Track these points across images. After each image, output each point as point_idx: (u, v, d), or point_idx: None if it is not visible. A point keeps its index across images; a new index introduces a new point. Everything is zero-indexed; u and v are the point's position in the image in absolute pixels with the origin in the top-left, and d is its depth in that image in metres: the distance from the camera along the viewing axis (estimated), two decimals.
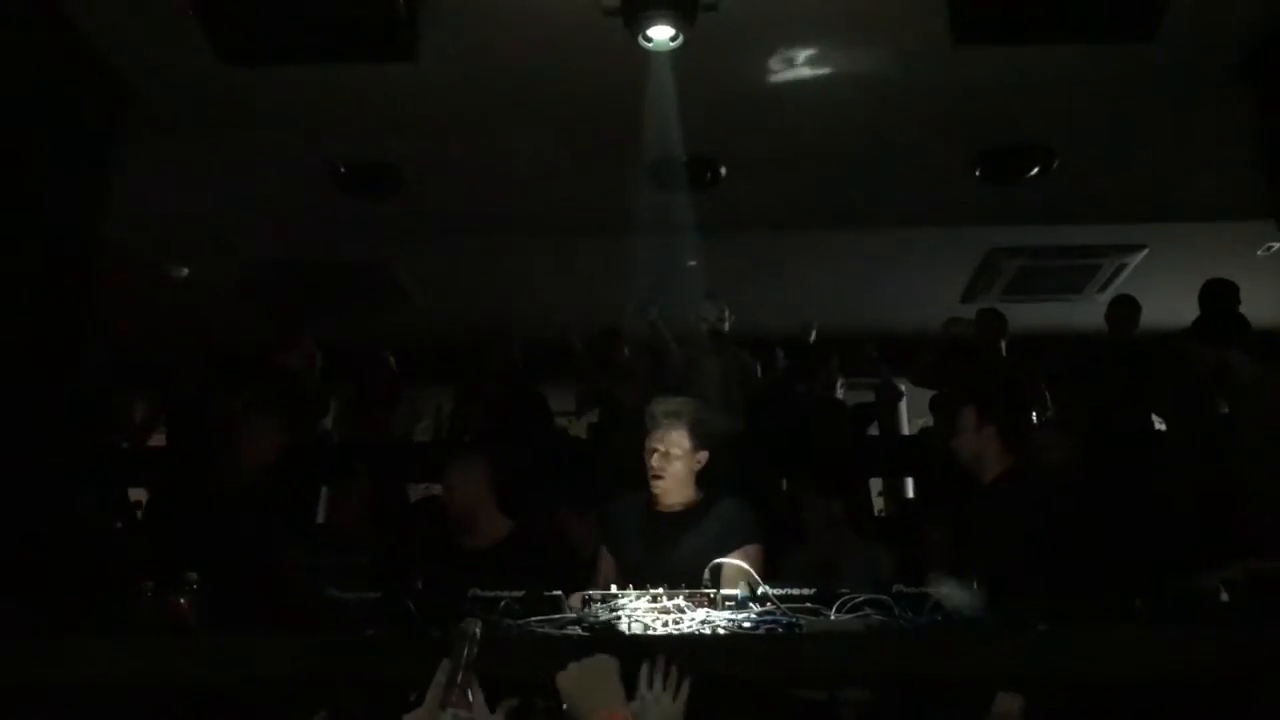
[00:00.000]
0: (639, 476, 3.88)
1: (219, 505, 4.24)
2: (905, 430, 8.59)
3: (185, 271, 7.02)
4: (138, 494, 6.87)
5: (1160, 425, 6.21)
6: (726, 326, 6.59)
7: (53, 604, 3.38)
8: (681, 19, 3.86)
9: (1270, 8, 4.51)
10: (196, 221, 6.43)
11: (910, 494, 8.07)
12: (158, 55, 4.68)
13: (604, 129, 5.22)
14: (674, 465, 3.80)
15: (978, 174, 5.97)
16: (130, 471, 6.33)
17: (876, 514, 7.47)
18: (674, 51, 4.20)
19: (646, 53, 4.12)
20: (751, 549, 3.66)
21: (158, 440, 6.72)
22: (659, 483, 3.81)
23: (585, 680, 2.16)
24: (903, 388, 7.75)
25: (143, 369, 6.53)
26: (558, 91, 4.97)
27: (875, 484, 7.88)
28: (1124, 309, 6.72)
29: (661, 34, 3.92)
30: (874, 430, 7.96)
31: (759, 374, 6.95)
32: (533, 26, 4.43)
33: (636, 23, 3.88)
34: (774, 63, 4.84)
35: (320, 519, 5.87)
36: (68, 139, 4.59)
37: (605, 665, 2.19)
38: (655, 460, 3.79)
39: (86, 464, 5.23)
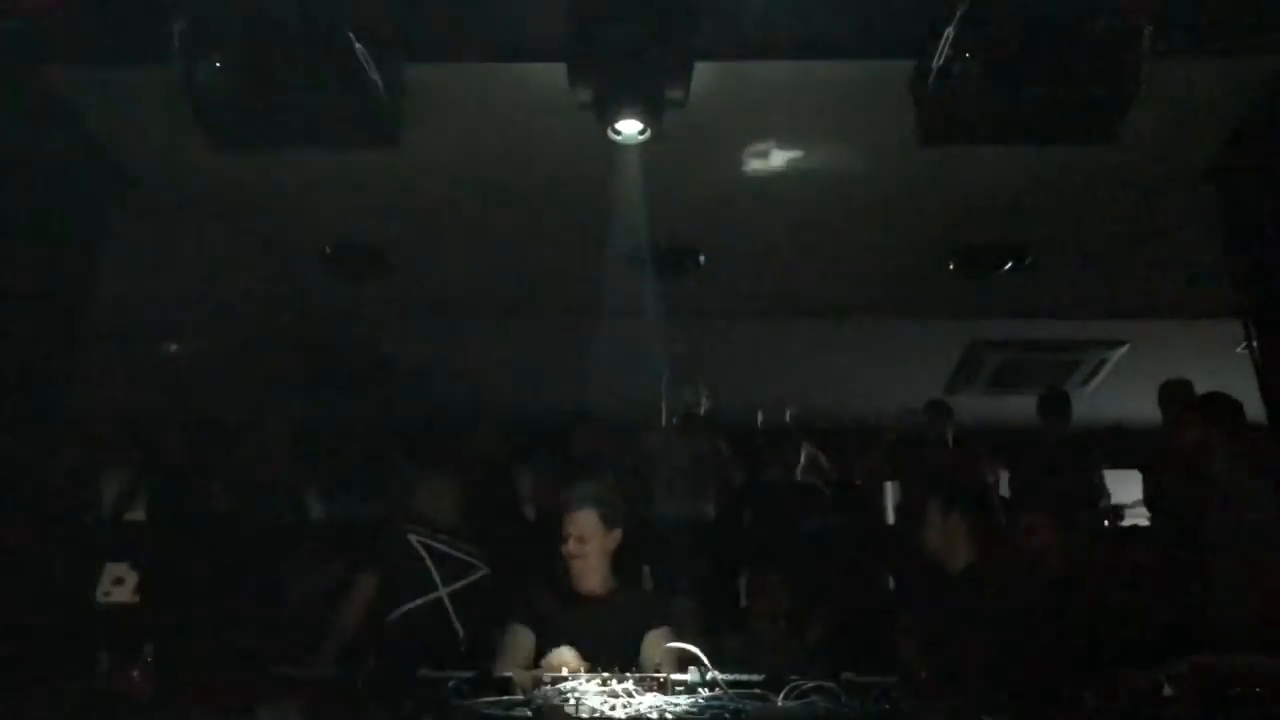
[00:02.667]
0: None
1: None
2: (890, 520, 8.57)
3: (174, 348, 7.10)
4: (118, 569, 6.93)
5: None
6: (703, 410, 6.65)
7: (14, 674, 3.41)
8: (649, 114, 3.98)
9: (1228, 116, 4.66)
10: (186, 300, 6.52)
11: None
12: (151, 138, 4.81)
13: (583, 216, 5.34)
14: (588, 547, 3.89)
15: (953, 268, 6.08)
16: (109, 545, 6.33)
17: None
18: (653, 143, 4.32)
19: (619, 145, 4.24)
20: (664, 632, 3.77)
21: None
22: (577, 563, 3.89)
23: None
24: None
25: (125, 443, 6.57)
26: (536, 179, 5.12)
27: None
28: (1054, 405, 6.83)
29: (630, 128, 4.05)
30: None
31: (731, 459, 6.94)
32: (511, 116, 4.59)
33: (606, 117, 4.00)
34: (748, 156, 4.99)
35: None
36: (60, 218, 4.70)
37: None
38: (571, 545, 3.88)
39: (63, 538, 5.28)
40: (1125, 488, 6.79)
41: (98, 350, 5.09)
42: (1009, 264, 6.01)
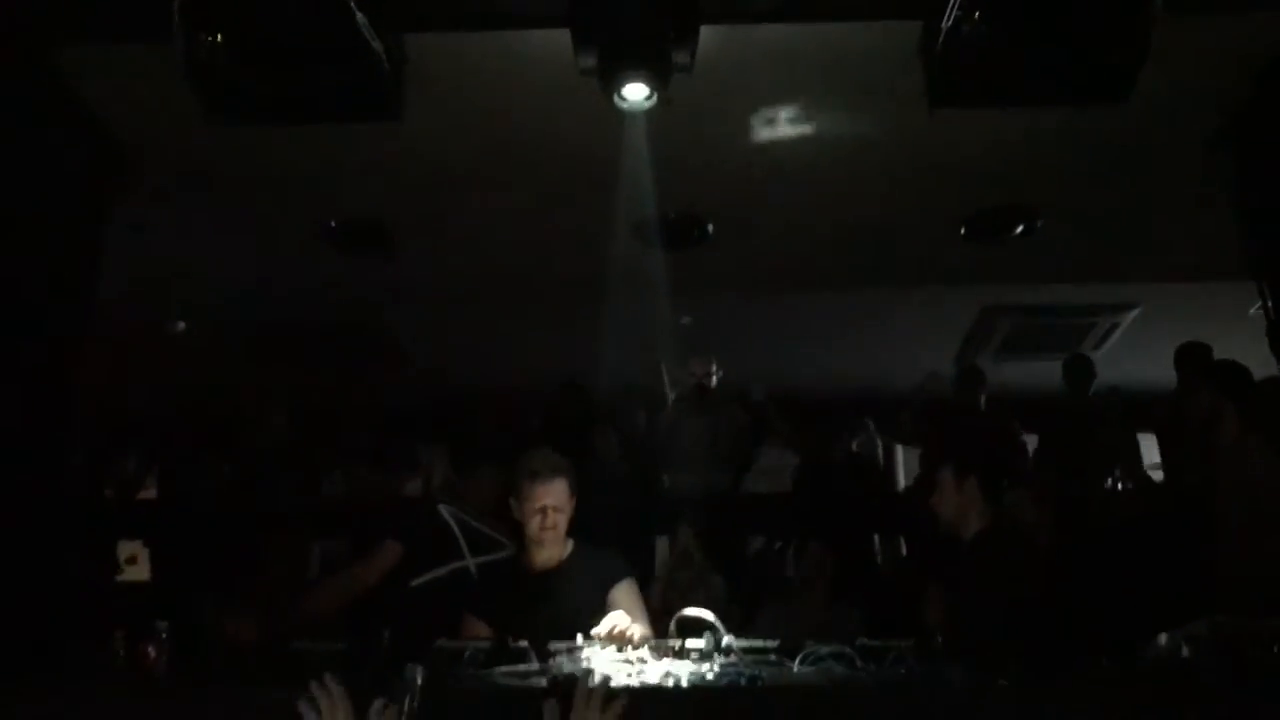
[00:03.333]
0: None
1: None
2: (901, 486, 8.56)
3: (182, 326, 7.10)
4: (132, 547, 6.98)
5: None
6: (714, 382, 6.61)
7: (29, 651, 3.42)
8: (655, 79, 3.92)
9: (1242, 75, 4.60)
10: (192, 280, 6.51)
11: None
12: (152, 115, 4.76)
13: (589, 187, 5.28)
14: (561, 517, 3.83)
15: (963, 233, 6.03)
16: (120, 524, 6.37)
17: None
18: (658, 110, 4.27)
19: (625, 112, 4.19)
20: (629, 584, 3.82)
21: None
22: (550, 534, 3.82)
23: None
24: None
25: (135, 422, 6.59)
26: (542, 149, 5.06)
27: None
28: (1078, 369, 6.82)
29: (636, 94, 3.98)
30: None
31: (750, 429, 6.91)
32: (514, 85, 4.53)
33: (612, 83, 3.93)
34: (755, 123, 4.94)
35: None
36: (62, 197, 4.67)
37: None
38: (549, 517, 3.79)
39: (77, 516, 5.30)
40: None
41: (104, 330, 5.07)
42: (1019, 228, 5.97)
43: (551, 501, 3.81)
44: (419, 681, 2.14)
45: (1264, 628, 3.02)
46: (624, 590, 3.81)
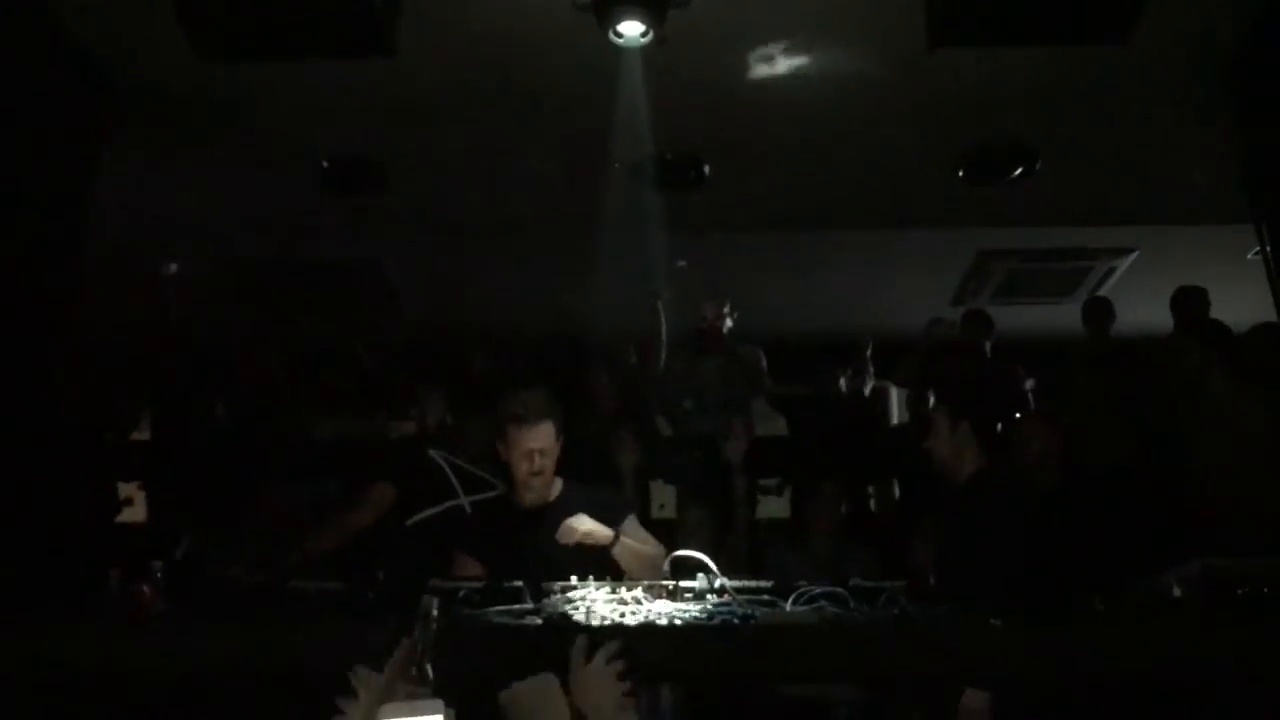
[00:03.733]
0: None
1: None
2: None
3: (174, 267, 7.05)
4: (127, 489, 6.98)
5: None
6: (727, 325, 6.56)
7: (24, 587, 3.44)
8: (651, 15, 3.88)
9: (1245, 15, 4.54)
10: (182, 220, 6.45)
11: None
12: (142, 52, 4.69)
13: (585, 126, 5.21)
14: (548, 460, 3.83)
15: (961, 175, 5.99)
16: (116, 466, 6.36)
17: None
18: (654, 48, 4.22)
19: (621, 49, 4.14)
20: (634, 519, 3.88)
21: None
22: (538, 480, 3.83)
23: (531, 700, 2.20)
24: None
25: (128, 364, 6.56)
26: (536, 87, 4.98)
27: None
28: (1097, 310, 6.81)
29: (632, 30, 3.94)
30: None
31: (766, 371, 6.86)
32: (510, 20, 4.43)
33: (607, 19, 3.90)
34: (752, 62, 4.87)
35: None
36: (54, 136, 4.61)
37: (550, 686, 2.21)
38: (537, 460, 3.79)
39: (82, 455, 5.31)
40: None
41: (97, 270, 5.03)
42: (1018, 170, 5.92)
43: (538, 445, 3.79)
44: (434, 613, 2.13)
45: (1255, 568, 3.04)
46: (629, 528, 3.84)
